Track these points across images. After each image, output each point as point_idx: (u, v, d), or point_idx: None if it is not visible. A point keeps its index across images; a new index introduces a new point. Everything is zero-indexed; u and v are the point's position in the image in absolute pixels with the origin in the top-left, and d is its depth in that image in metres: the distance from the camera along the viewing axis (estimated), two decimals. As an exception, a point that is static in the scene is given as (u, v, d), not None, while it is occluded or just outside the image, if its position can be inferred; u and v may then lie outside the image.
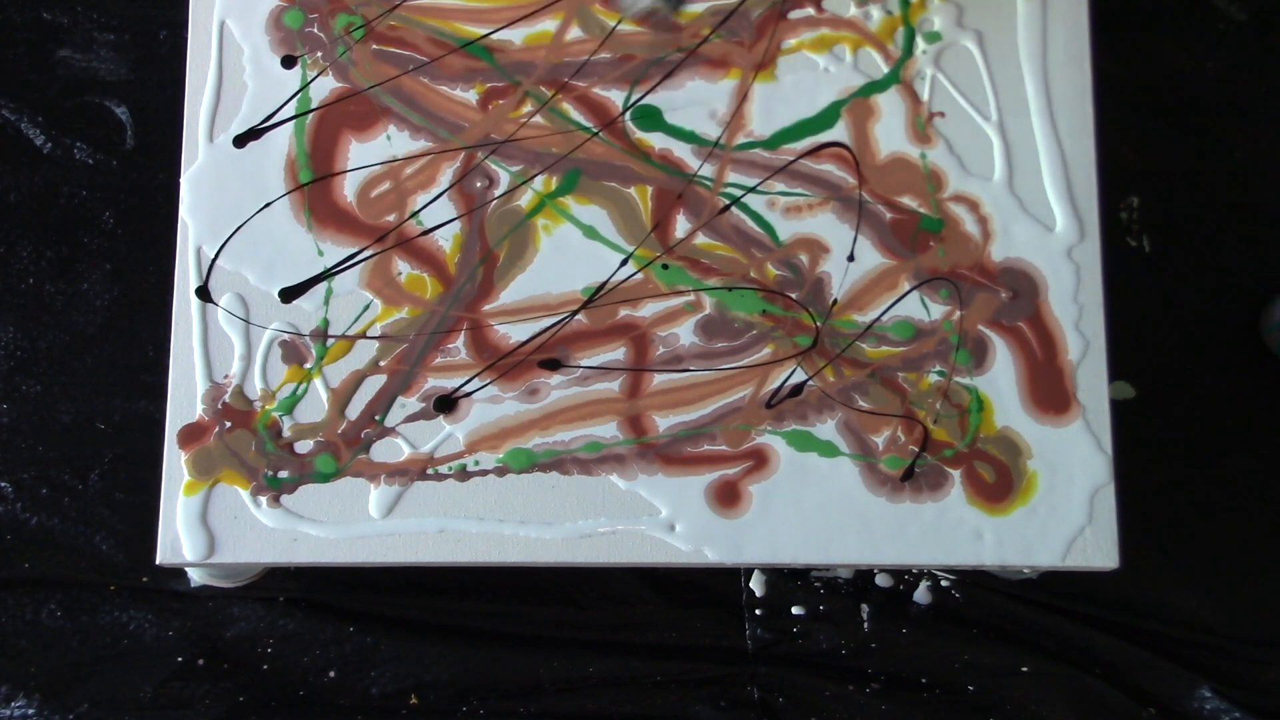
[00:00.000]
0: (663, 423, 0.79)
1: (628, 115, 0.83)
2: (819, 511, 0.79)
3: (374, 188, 0.82)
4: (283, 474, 0.78)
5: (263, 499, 0.78)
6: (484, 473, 0.79)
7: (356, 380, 0.80)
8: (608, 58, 0.84)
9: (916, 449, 0.80)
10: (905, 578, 1.01)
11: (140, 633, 0.97)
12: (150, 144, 1.05)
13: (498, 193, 0.82)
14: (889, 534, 0.79)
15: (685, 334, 0.81)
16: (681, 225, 0.82)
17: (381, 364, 0.80)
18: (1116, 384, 1.01)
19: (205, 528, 0.77)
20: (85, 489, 0.99)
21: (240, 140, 0.82)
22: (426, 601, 0.99)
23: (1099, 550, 0.79)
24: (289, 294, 0.80)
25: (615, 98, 0.83)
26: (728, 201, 0.82)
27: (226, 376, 0.79)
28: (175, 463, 0.78)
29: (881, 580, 1.01)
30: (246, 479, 0.78)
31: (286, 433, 0.79)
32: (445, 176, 0.82)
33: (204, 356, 0.79)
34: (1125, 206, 1.07)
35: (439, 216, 0.82)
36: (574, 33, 0.84)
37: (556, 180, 0.82)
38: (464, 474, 0.79)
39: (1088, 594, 1.00)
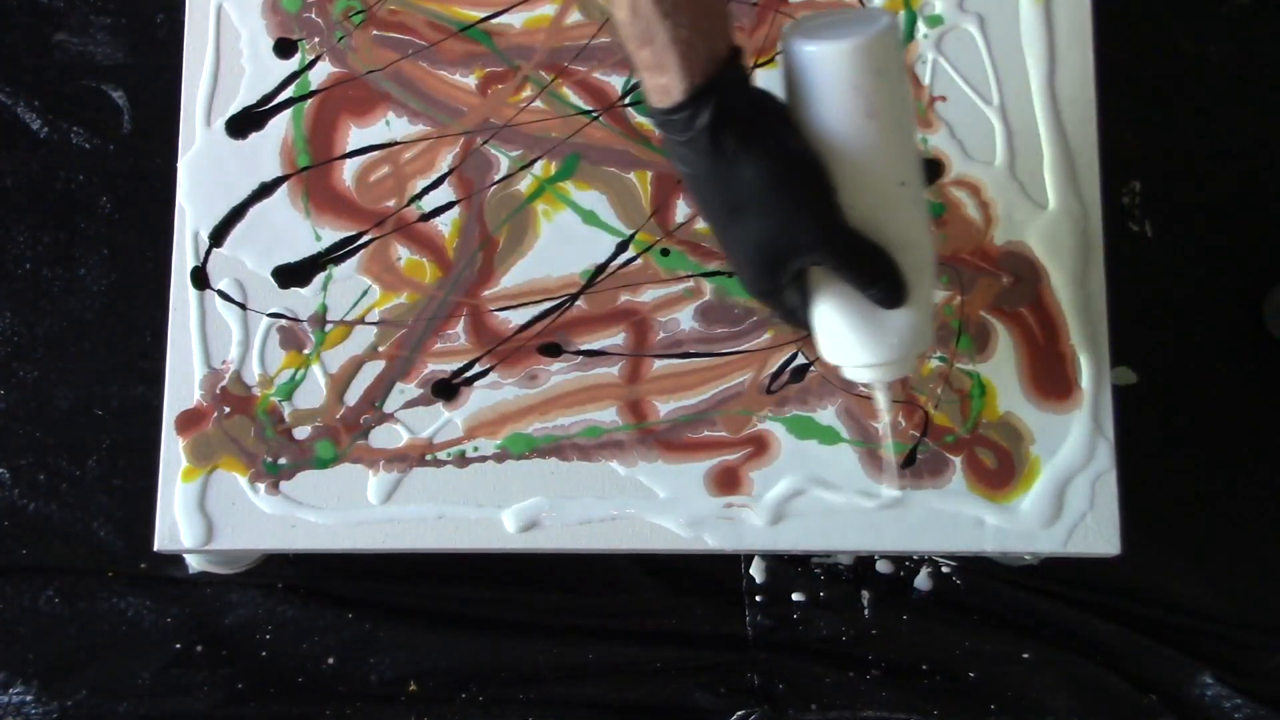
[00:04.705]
0: (663, 408, 0.79)
1: (628, 99, 0.82)
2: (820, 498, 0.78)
3: (373, 173, 0.82)
4: (281, 460, 0.78)
5: (261, 485, 0.78)
6: (483, 458, 0.78)
7: (355, 366, 0.79)
8: (607, 42, 0.83)
9: (918, 434, 0.79)
10: (906, 564, 1.01)
11: (138, 619, 0.97)
12: (147, 128, 1.04)
13: (497, 177, 0.82)
14: (889, 520, 0.78)
15: (685, 319, 0.80)
16: (681, 210, 0.82)
17: (380, 349, 0.79)
18: (1118, 370, 1.00)
19: (203, 514, 0.77)
20: (83, 475, 0.99)
21: (237, 125, 0.81)
22: (425, 588, 0.98)
23: (1100, 537, 0.79)
24: (287, 279, 0.80)
25: (615, 82, 0.83)
26: (728, 186, 0.82)
27: (225, 362, 0.79)
28: (173, 449, 0.78)
29: (882, 567, 1.01)
30: (245, 465, 0.78)
31: (285, 418, 0.78)
32: (444, 161, 0.82)
33: (202, 342, 0.79)
34: (1127, 191, 1.06)
35: (438, 201, 0.81)
36: (574, 16, 0.84)
37: (556, 165, 0.82)
38: (463, 460, 0.78)
39: (1089, 580, 1.00)
